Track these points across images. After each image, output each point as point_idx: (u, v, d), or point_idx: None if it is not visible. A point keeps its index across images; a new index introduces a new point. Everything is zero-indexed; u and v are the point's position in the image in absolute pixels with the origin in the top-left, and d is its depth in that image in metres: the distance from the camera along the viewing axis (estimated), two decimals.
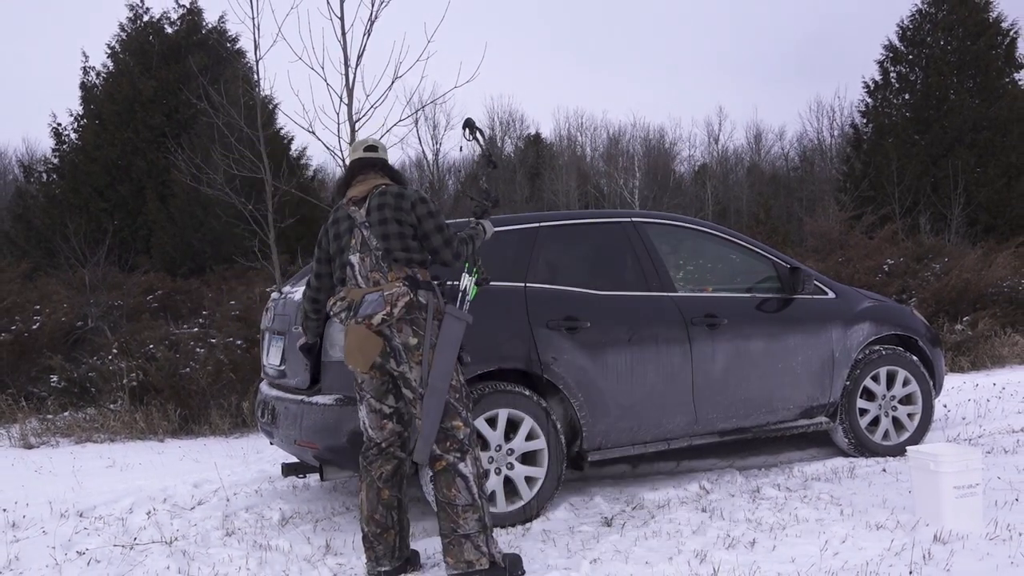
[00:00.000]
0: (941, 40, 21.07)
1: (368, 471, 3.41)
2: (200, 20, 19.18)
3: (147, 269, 14.05)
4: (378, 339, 3.23)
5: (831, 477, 4.66)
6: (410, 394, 3.27)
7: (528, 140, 38.12)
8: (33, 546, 4.04)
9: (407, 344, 3.24)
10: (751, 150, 40.31)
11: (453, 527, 3.24)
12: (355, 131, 7.89)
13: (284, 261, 9.85)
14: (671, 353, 4.52)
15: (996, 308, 10.35)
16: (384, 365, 3.28)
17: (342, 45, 7.70)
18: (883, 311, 5.35)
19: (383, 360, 3.27)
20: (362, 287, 3.28)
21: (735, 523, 3.90)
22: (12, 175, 32.08)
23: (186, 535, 4.15)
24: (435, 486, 3.30)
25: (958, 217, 17.94)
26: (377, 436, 3.40)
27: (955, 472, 3.57)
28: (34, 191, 18.85)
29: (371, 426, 3.41)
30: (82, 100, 18.76)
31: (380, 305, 3.19)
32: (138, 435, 6.94)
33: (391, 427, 3.40)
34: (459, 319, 3.31)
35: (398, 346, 3.24)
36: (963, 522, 3.55)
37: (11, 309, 8.76)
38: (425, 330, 3.25)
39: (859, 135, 22.86)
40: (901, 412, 5.20)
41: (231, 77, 13.46)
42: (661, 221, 4.97)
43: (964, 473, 3.59)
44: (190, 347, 7.68)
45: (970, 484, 3.59)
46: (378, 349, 3.23)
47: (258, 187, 9.28)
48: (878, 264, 11.30)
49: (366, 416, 3.41)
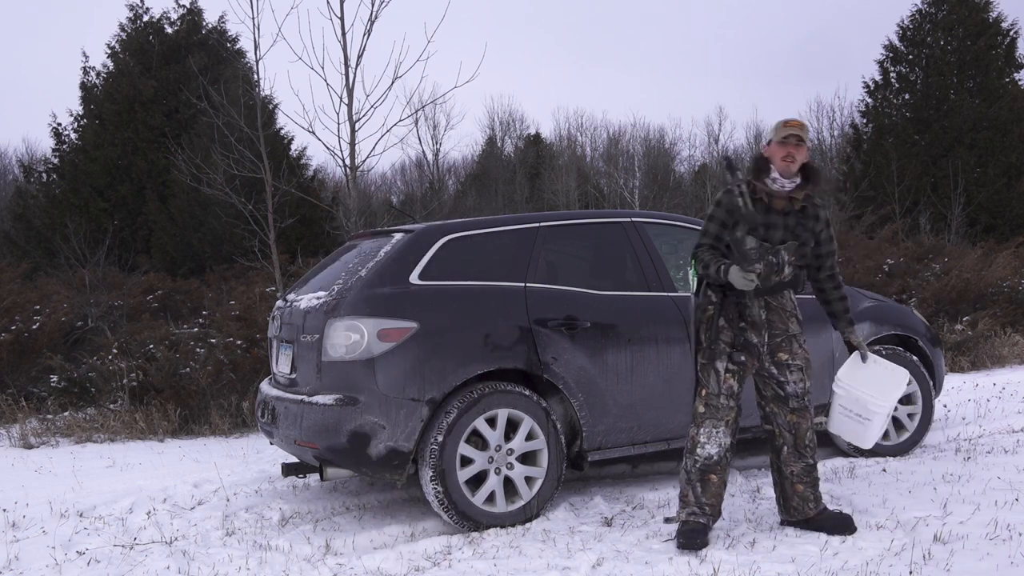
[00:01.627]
0: (941, 40, 21.04)
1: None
2: (200, 20, 19.16)
3: (147, 269, 14.05)
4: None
5: (831, 477, 4.66)
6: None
7: (528, 140, 38.08)
8: (33, 546, 4.04)
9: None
10: (751, 150, 40.30)
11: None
12: (355, 131, 7.90)
13: (284, 261, 9.86)
14: (671, 353, 4.52)
15: (996, 308, 10.36)
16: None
17: (342, 45, 7.72)
18: (883, 311, 5.35)
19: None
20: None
21: (735, 523, 3.90)
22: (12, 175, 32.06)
23: (186, 535, 4.15)
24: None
25: (958, 217, 17.92)
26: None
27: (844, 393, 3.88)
28: (34, 191, 18.83)
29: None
30: (82, 100, 18.75)
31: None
32: (138, 435, 6.94)
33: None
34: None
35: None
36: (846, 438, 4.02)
37: (11, 309, 8.75)
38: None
39: (859, 135, 22.83)
40: (901, 412, 5.19)
41: (231, 77, 13.46)
42: (661, 221, 4.97)
43: (852, 398, 3.87)
44: (190, 347, 7.68)
45: (860, 413, 3.87)
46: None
47: (258, 187, 9.29)
48: (878, 264, 11.30)
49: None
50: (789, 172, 3.58)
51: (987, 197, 19.33)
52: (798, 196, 3.62)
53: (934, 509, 3.90)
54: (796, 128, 3.56)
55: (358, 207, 8.65)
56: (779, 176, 3.59)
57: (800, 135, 3.56)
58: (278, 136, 17.24)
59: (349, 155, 8.11)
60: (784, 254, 3.63)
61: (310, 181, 18.48)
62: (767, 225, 3.62)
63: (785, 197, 3.62)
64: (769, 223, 3.63)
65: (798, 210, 3.65)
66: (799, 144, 3.56)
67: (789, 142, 3.56)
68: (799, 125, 3.57)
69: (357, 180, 8.55)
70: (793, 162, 3.56)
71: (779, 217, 3.63)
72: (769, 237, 3.62)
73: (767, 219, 3.62)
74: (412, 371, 3.97)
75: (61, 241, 13.31)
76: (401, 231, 4.50)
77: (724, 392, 3.64)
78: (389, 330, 3.98)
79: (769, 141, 3.63)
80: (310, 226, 15.38)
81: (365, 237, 4.96)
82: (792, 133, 3.56)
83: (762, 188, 3.62)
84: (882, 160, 20.26)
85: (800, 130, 3.57)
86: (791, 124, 3.56)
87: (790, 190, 3.61)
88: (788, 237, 3.65)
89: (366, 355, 3.96)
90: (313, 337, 4.12)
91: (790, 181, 3.60)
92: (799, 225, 3.65)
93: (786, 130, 3.56)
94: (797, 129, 3.56)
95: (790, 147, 3.55)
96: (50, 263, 14.53)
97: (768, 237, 3.62)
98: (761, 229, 3.61)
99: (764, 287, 3.63)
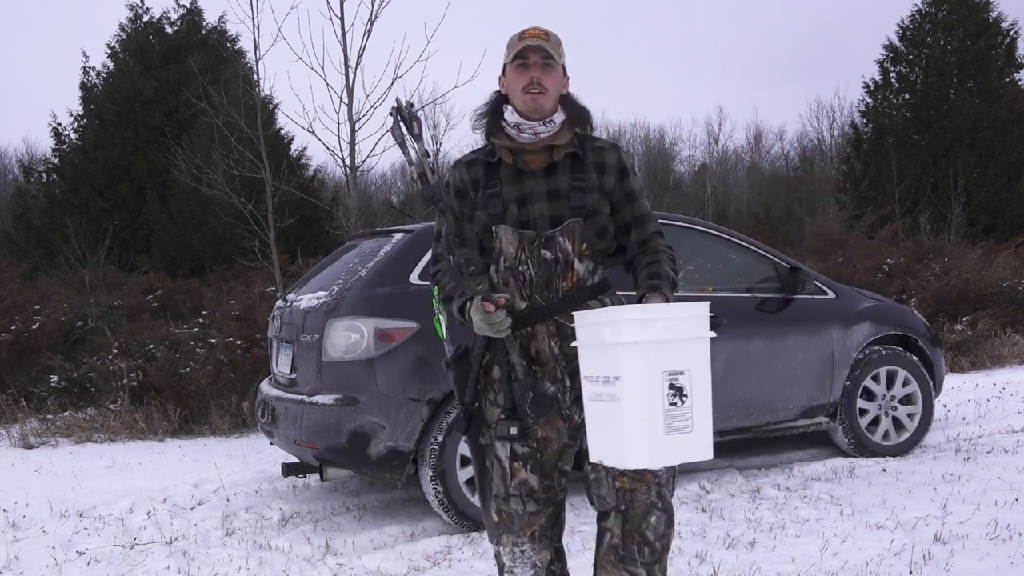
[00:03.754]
0: (941, 40, 21.05)
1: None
2: (200, 20, 19.15)
3: (147, 269, 14.05)
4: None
5: (831, 477, 4.66)
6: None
7: None
8: (33, 546, 4.04)
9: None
10: (751, 150, 40.34)
11: None
12: (355, 131, 7.91)
13: (284, 261, 9.86)
14: None
15: (996, 308, 10.35)
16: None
17: (342, 45, 7.72)
18: (883, 311, 5.35)
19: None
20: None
21: (735, 523, 3.90)
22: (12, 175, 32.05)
23: (186, 535, 4.15)
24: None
25: (958, 217, 17.92)
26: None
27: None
28: (34, 191, 18.83)
29: None
30: (82, 100, 18.74)
31: None
32: (138, 435, 6.94)
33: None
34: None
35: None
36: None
37: (11, 309, 8.75)
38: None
39: (859, 135, 22.83)
40: (901, 412, 5.20)
41: (231, 77, 13.45)
42: (661, 221, 4.96)
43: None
44: (190, 347, 7.68)
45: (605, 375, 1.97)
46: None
47: (258, 187, 9.30)
48: (878, 264, 11.31)
49: None
50: (540, 109, 2.20)
51: (987, 197, 19.34)
52: (561, 142, 2.25)
53: (934, 509, 3.90)
54: (539, 38, 2.19)
55: (358, 207, 8.65)
56: (523, 119, 2.21)
57: (546, 48, 2.19)
58: (278, 136, 17.23)
59: (349, 155, 8.12)
60: (564, 241, 2.22)
61: (310, 181, 18.47)
62: (522, 199, 2.24)
63: (541, 148, 2.25)
64: (525, 193, 2.24)
65: (567, 163, 2.26)
66: (547, 64, 2.20)
67: (531, 62, 2.19)
68: (541, 35, 2.20)
69: (357, 180, 8.56)
70: (542, 92, 2.19)
71: (539, 181, 2.24)
72: (528, 219, 2.22)
73: (520, 188, 2.24)
74: (412, 371, 3.97)
75: (61, 241, 13.31)
76: (401, 231, 4.50)
77: (516, 492, 2.24)
78: (389, 330, 3.98)
79: (504, 68, 2.26)
80: (310, 226, 15.37)
81: (365, 237, 4.96)
82: (533, 46, 2.19)
83: (502, 143, 2.26)
84: (882, 160, 20.26)
85: (545, 41, 2.19)
86: (529, 34, 2.20)
87: (546, 136, 2.23)
88: (563, 212, 2.22)
89: (366, 355, 3.96)
90: (313, 337, 4.12)
91: (543, 123, 2.22)
92: (574, 187, 2.23)
93: (523, 43, 2.19)
94: (541, 39, 2.19)
95: (533, 70, 2.19)
96: (50, 263, 14.53)
97: (527, 219, 2.22)
98: (513, 207, 2.23)
99: (549, 306, 2.23)
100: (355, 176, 8.38)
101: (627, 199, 2.31)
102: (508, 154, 2.26)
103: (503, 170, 2.27)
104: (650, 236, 2.33)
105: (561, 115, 2.25)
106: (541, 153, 2.26)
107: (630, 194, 2.31)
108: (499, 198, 2.24)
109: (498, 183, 2.25)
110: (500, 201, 2.24)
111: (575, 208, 2.22)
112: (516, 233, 2.22)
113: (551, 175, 2.25)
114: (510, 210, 2.23)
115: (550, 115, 2.22)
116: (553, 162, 2.25)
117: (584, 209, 2.23)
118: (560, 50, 2.23)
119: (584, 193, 2.24)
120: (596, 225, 2.25)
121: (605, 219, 2.27)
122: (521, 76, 2.20)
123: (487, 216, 2.24)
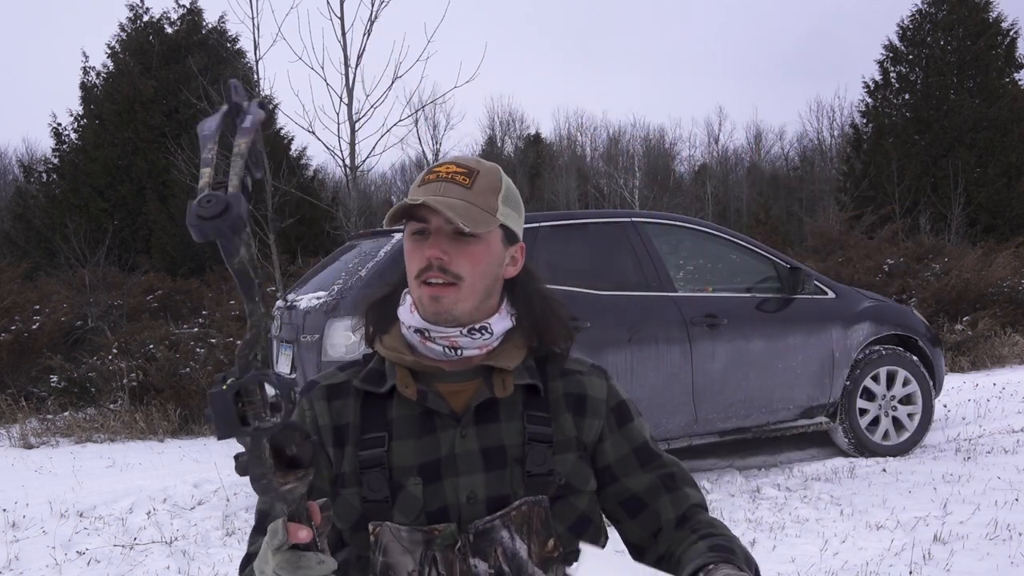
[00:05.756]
0: (941, 40, 21.06)
1: None
2: (200, 20, 19.16)
3: (147, 269, 14.05)
4: None
5: (831, 477, 4.66)
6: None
7: (528, 140, 38.13)
8: (33, 546, 4.04)
9: None
10: (751, 150, 40.35)
11: None
12: (355, 131, 7.90)
13: (284, 261, 9.86)
14: (671, 353, 4.52)
15: (996, 308, 10.35)
16: None
17: (342, 45, 7.71)
18: (883, 311, 5.35)
19: None
20: None
21: (735, 523, 3.90)
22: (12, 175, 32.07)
23: (186, 535, 4.15)
24: None
25: (958, 217, 17.94)
26: None
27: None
28: (34, 191, 18.84)
29: None
30: (82, 100, 18.74)
31: None
32: (138, 435, 6.94)
33: None
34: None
35: None
36: None
37: (11, 309, 8.76)
38: None
39: (859, 135, 22.85)
40: (901, 412, 5.20)
41: (231, 77, 13.44)
42: (661, 221, 4.98)
43: None
44: (190, 347, 7.69)
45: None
46: None
47: (258, 187, 9.29)
48: (878, 264, 11.31)
49: None
50: (446, 314, 1.19)
51: (987, 197, 19.35)
52: (505, 365, 1.22)
53: (934, 509, 3.90)
54: (451, 179, 1.22)
55: (358, 207, 8.65)
56: (431, 324, 1.20)
57: (461, 203, 1.19)
58: (278, 136, 17.25)
59: (349, 155, 8.11)
60: (512, 540, 1.18)
61: (310, 181, 18.49)
62: (431, 467, 1.18)
63: (469, 371, 1.24)
64: (439, 457, 1.19)
65: (517, 400, 1.23)
66: (460, 234, 1.19)
67: (431, 229, 1.22)
68: (458, 173, 1.23)
69: (357, 180, 8.55)
70: (450, 285, 1.19)
71: (465, 434, 1.20)
72: (444, 504, 1.18)
73: (428, 446, 1.19)
74: None
75: (61, 241, 13.32)
76: (401, 231, 4.50)
77: None
78: None
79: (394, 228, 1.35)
80: (310, 226, 15.39)
81: (365, 237, 4.96)
82: (434, 201, 1.18)
83: (398, 358, 1.23)
84: (882, 160, 20.28)
85: (462, 185, 1.21)
86: (436, 173, 1.24)
87: (476, 355, 1.23)
88: (510, 487, 1.19)
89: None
90: (313, 337, 4.12)
91: (468, 332, 1.21)
92: (531, 440, 1.21)
93: (424, 191, 1.22)
94: (455, 182, 1.21)
95: (433, 243, 1.21)
96: (50, 263, 14.54)
97: (440, 505, 1.18)
98: (414, 483, 1.18)
99: None
100: (355, 176, 8.38)
101: (636, 458, 1.28)
102: (408, 380, 1.22)
103: (397, 409, 1.22)
104: (690, 509, 1.28)
105: (506, 319, 1.25)
106: (468, 381, 1.23)
107: (640, 449, 1.28)
108: (384, 467, 1.18)
109: (385, 436, 1.20)
110: (386, 473, 1.18)
111: (533, 480, 1.19)
112: (416, 533, 1.16)
113: (487, 421, 1.21)
114: (408, 489, 1.17)
115: (474, 321, 1.21)
116: (492, 399, 1.21)
117: (550, 480, 1.20)
118: (493, 201, 1.21)
119: (549, 452, 1.21)
120: (572, 510, 1.24)
121: (588, 500, 1.27)
122: (415, 252, 1.23)
123: (360, 502, 1.18)
